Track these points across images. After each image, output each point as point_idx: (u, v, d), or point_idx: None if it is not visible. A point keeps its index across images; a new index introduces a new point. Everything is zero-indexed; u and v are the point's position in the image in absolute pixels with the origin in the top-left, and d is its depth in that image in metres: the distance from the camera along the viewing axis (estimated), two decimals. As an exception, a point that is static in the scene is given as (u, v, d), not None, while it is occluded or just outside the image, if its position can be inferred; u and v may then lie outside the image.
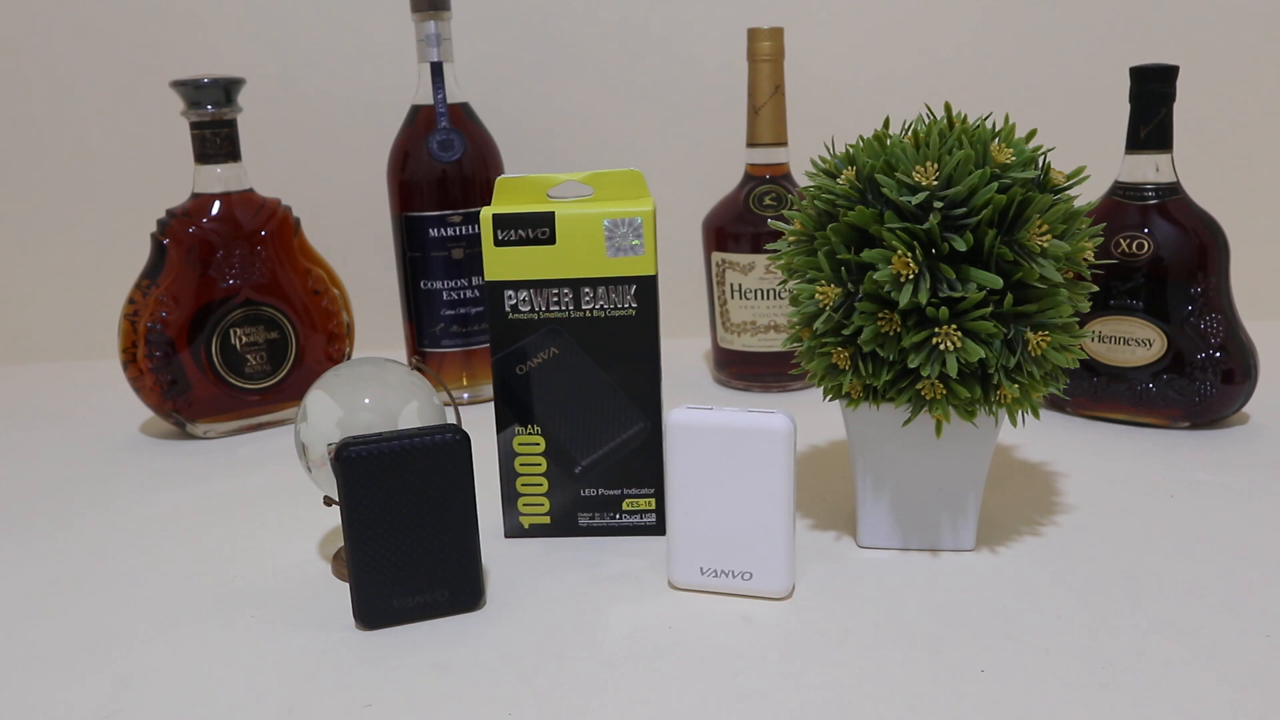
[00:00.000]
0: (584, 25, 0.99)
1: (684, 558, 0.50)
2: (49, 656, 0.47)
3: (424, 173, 0.81)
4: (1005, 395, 0.48)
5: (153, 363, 0.75)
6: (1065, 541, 0.54)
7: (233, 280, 0.77)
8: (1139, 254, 0.69)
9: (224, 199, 0.77)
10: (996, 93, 0.98)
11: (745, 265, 0.82)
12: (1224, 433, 0.70)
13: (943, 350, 0.47)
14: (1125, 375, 0.71)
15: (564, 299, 0.54)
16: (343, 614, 0.49)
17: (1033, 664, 0.43)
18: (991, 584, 0.50)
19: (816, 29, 0.98)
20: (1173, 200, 0.70)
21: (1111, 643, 0.44)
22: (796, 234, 0.52)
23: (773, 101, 0.81)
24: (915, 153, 0.48)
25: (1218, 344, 0.68)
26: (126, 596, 0.52)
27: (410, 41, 0.96)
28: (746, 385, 0.85)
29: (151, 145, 1.01)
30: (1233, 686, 0.41)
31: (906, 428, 0.51)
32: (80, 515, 0.64)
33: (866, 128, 0.53)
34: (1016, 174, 0.47)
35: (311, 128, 1.01)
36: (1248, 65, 0.98)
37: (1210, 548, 0.53)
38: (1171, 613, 0.47)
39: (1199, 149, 0.84)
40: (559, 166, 1.00)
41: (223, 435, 0.79)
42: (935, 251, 0.47)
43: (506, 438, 0.56)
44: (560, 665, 0.44)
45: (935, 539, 0.54)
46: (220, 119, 0.76)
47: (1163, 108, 0.68)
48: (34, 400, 0.92)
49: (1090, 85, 0.96)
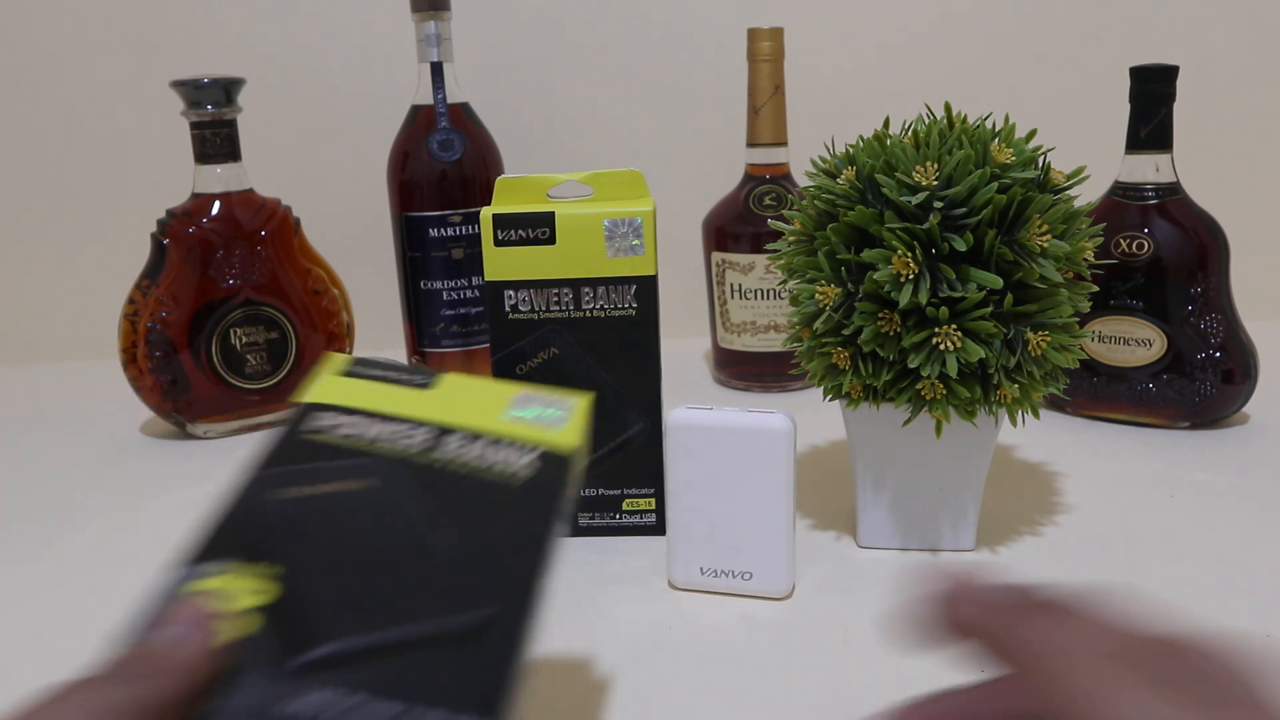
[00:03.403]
0: (584, 25, 0.99)
1: (684, 558, 0.50)
2: (48, 657, 0.47)
3: (424, 173, 0.81)
4: (1005, 395, 0.48)
5: (153, 363, 0.75)
6: (1065, 541, 0.54)
7: (233, 280, 0.77)
8: (1139, 254, 0.69)
9: (224, 199, 0.77)
10: (996, 93, 0.98)
11: (745, 265, 0.82)
12: (1224, 433, 0.70)
13: (943, 350, 0.47)
14: (1125, 375, 0.71)
15: (564, 299, 0.54)
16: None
17: (1033, 664, 0.43)
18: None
19: (816, 29, 0.98)
20: (1173, 200, 0.70)
21: (1111, 643, 0.44)
22: (796, 234, 0.52)
23: (773, 101, 0.81)
24: (915, 153, 0.48)
25: (1218, 344, 0.68)
26: (126, 597, 0.52)
27: (410, 41, 0.96)
28: (746, 385, 0.85)
29: (151, 145, 1.01)
30: (1233, 686, 0.41)
31: (906, 428, 0.51)
32: (80, 515, 0.64)
33: (866, 128, 0.53)
34: (1017, 174, 0.47)
35: (312, 128, 1.01)
36: (1248, 65, 0.98)
37: (1210, 548, 0.53)
38: (1171, 613, 0.47)
39: (1199, 149, 0.84)
40: (559, 166, 1.00)
41: (223, 435, 0.79)
42: (935, 251, 0.47)
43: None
44: (560, 665, 0.44)
45: (935, 539, 0.54)
46: (220, 119, 0.76)
47: (1163, 108, 0.68)
48: (34, 400, 0.92)
49: (1090, 85, 0.96)
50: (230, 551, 0.29)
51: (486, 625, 0.27)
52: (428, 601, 0.28)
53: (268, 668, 0.26)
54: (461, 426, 0.34)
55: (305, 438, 0.33)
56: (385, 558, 0.29)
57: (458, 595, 0.28)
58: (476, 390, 0.36)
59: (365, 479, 0.32)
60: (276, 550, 0.29)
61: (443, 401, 0.35)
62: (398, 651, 0.26)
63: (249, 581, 0.28)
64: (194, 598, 0.27)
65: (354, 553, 0.29)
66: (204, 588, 0.27)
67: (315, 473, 0.32)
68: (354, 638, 0.27)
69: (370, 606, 0.28)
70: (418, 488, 0.32)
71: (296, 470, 0.32)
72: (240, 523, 0.30)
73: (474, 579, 0.29)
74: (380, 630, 0.27)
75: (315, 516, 0.31)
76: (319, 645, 0.26)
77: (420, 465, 0.33)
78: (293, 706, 0.25)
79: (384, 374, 0.36)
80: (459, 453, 0.33)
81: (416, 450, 0.33)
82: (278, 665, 0.26)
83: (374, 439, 0.33)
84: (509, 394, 0.36)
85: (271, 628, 0.27)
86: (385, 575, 0.29)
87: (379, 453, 0.33)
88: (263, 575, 0.28)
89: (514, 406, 0.36)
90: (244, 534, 0.29)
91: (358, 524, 0.30)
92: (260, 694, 0.25)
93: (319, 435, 0.34)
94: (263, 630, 0.27)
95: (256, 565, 0.28)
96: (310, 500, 0.31)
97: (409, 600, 0.28)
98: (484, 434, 0.34)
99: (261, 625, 0.27)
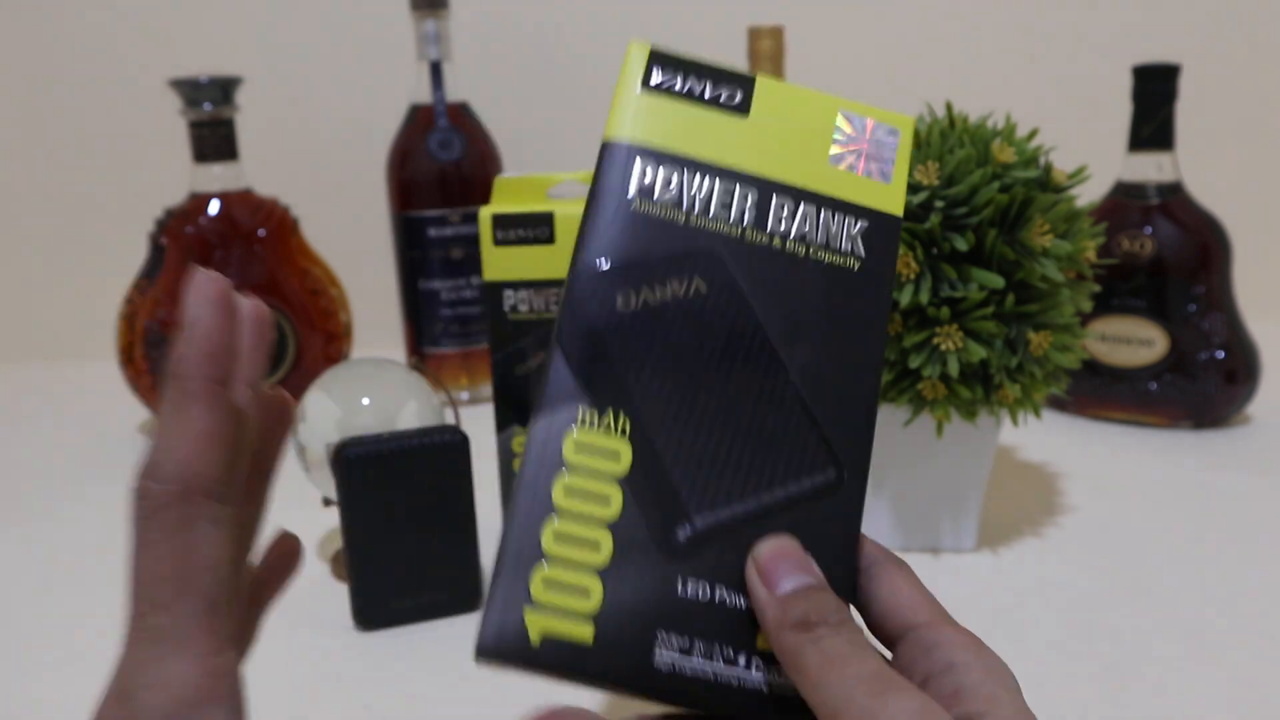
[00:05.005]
0: (584, 25, 0.99)
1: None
2: (47, 657, 0.47)
3: (423, 172, 0.80)
4: (1007, 396, 0.48)
5: (150, 362, 0.75)
6: (1066, 541, 0.54)
7: (231, 280, 0.76)
8: (1141, 253, 0.69)
9: (222, 198, 0.77)
10: (998, 92, 0.98)
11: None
12: (1226, 433, 0.70)
13: (944, 350, 0.46)
14: (1127, 375, 0.71)
15: None
16: (341, 615, 0.49)
17: (1034, 664, 0.43)
18: (992, 584, 0.50)
19: (816, 29, 0.98)
20: (1175, 200, 0.69)
21: (1113, 643, 0.44)
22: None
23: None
24: (916, 152, 0.48)
25: (1220, 344, 0.68)
26: (125, 596, 0.52)
27: (409, 40, 0.95)
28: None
29: (149, 144, 1.00)
30: (1234, 687, 0.41)
31: (907, 428, 0.51)
32: (78, 515, 0.64)
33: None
34: (1018, 173, 0.47)
35: (310, 127, 1.01)
36: (1250, 64, 0.98)
37: (1212, 548, 0.53)
38: (1173, 613, 0.46)
39: (1201, 148, 0.83)
40: (559, 166, 0.99)
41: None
42: (936, 251, 0.47)
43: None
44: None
45: (936, 539, 0.53)
46: (218, 118, 0.75)
47: (1165, 107, 0.68)
48: (31, 399, 0.92)
49: (1092, 84, 0.96)
50: (581, 393, 0.27)
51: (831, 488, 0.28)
52: (781, 456, 0.28)
53: (647, 551, 0.26)
54: (788, 183, 0.30)
55: (638, 210, 0.29)
56: (733, 397, 0.28)
57: (806, 448, 0.28)
58: (796, 115, 0.31)
59: (704, 274, 0.29)
60: (623, 393, 0.27)
61: (763, 136, 0.31)
62: (760, 519, 0.27)
63: (604, 440, 0.27)
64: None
65: (702, 393, 0.28)
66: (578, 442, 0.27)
67: (651, 268, 0.29)
68: (720, 509, 0.27)
69: (726, 467, 0.27)
70: (758, 285, 0.29)
71: (634, 266, 0.29)
72: (585, 347, 0.28)
73: (819, 425, 0.28)
74: (741, 500, 0.27)
75: (656, 341, 0.28)
76: (689, 520, 0.26)
77: (756, 247, 0.29)
78: (690, 588, 0.26)
79: (695, 86, 0.31)
80: (791, 225, 0.30)
81: (750, 225, 0.30)
82: (656, 548, 0.26)
83: (703, 209, 0.30)
84: (831, 121, 0.31)
85: (636, 503, 0.26)
86: (735, 421, 0.28)
87: (713, 231, 0.29)
88: (613, 431, 0.27)
89: (839, 143, 0.31)
90: (591, 365, 0.28)
91: (701, 347, 0.28)
92: (652, 580, 0.26)
93: (649, 206, 0.29)
94: (628, 508, 0.26)
95: (605, 416, 0.27)
96: (649, 313, 0.28)
97: (764, 455, 0.27)
98: (811, 193, 0.30)
99: (624, 502, 0.26)
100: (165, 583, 0.21)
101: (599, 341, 0.28)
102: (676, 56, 0.31)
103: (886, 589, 0.27)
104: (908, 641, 0.26)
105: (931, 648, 0.25)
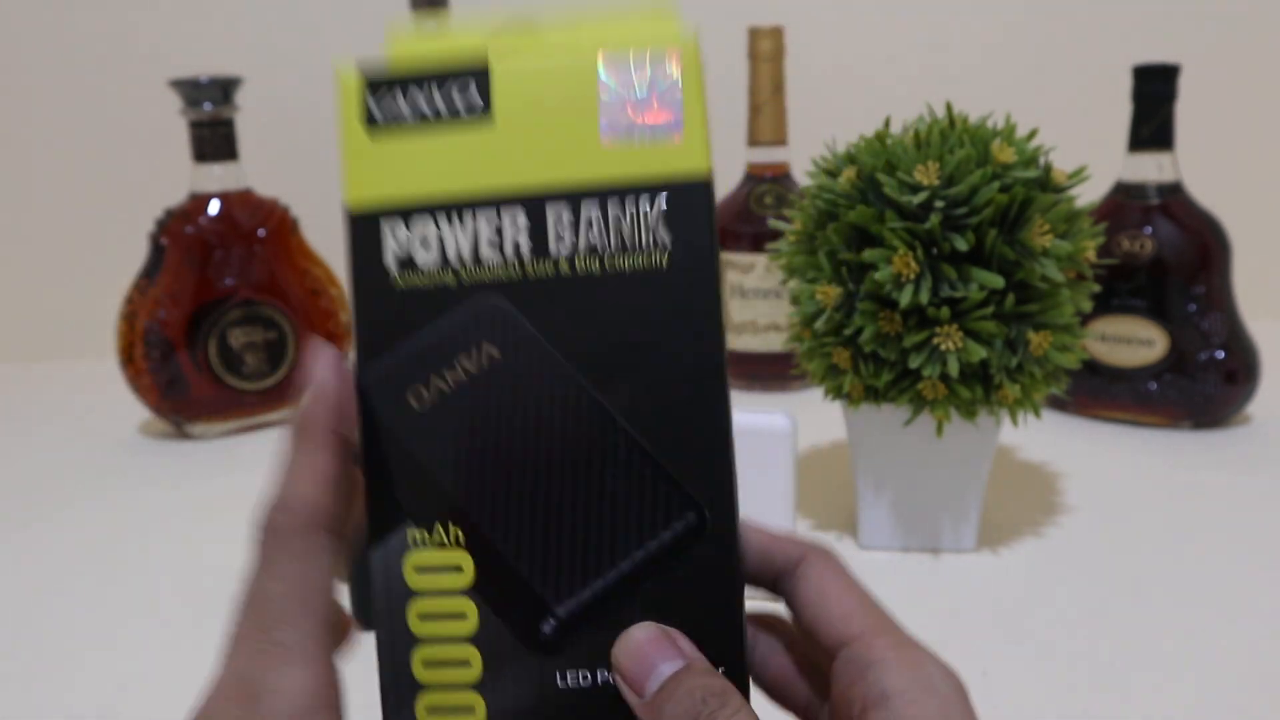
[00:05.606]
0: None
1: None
2: (46, 657, 0.46)
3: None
4: (1007, 396, 0.48)
5: (150, 363, 0.75)
6: (1066, 542, 0.54)
7: (231, 280, 0.77)
8: (1141, 253, 0.69)
9: (222, 198, 0.77)
10: (998, 92, 0.98)
11: (745, 265, 0.81)
12: (1226, 433, 0.70)
13: (944, 350, 0.46)
14: (1127, 375, 0.70)
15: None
16: (341, 615, 0.49)
17: (1034, 665, 0.43)
18: (992, 584, 0.50)
19: (816, 29, 0.98)
20: (1175, 200, 0.69)
21: (1113, 643, 0.44)
22: (797, 233, 0.52)
23: (773, 101, 0.81)
24: (916, 152, 0.48)
25: (1220, 344, 0.68)
26: (124, 597, 0.52)
27: (409, 40, 0.95)
28: (746, 385, 0.85)
29: (149, 144, 1.00)
30: (1234, 687, 0.40)
31: (907, 428, 0.51)
32: (78, 515, 0.64)
33: (867, 127, 0.53)
34: (1018, 173, 0.47)
35: (310, 127, 1.01)
36: (1250, 64, 0.98)
37: (1212, 548, 0.53)
38: (1173, 613, 0.46)
39: (1201, 148, 0.83)
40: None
41: (221, 435, 0.78)
42: (936, 251, 0.47)
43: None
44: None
45: (936, 539, 0.53)
46: (218, 118, 0.75)
47: (1165, 107, 0.68)
48: (31, 400, 0.92)
49: (1092, 84, 0.96)
50: (402, 514, 0.25)
51: (694, 532, 0.24)
52: (631, 513, 0.24)
53: (517, 654, 0.24)
54: (558, 186, 0.25)
55: (404, 288, 0.25)
56: (563, 465, 0.24)
57: (656, 496, 0.24)
58: (548, 89, 0.25)
59: (491, 337, 0.25)
60: (444, 501, 0.25)
61: (515, 136, 0.25)
62: (627, 585, 0.24)
63: (441, 557, 0.25)
64: None
65: (528, 473, 0.24)
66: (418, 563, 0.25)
67: (433, 352, 0.25)
68: (580, 591, 0.24)
69: (576, 544, 0.24)
70: (555, 326, 0.25)
71: (414, 357, 0.25)
72: (391, 463, 0.25)
73: (662, 466, 0.24)
74: (600, 574, 0.24)
75: (463, 432, 0.25)
76: (550, 613, 0.24)
77: (542, 282, 0.25)
78: (570, 678, 0.24)
79: (425, 103, 0.26)
80: (576, 239, 0.25)
81: (528, 258, 0.25)
82: (527, 649, 0.24)
83: (472, 259, 0.25)
84: (592, 78, 0.25)
85: (493, 611, 0.24)
86: (571, 491, 0.24)
87: (490, 281, 0.25)
88: (448, 544, 0.25)
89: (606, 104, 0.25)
90: (403, 482, 0.25)
91: (513, 421, 0.25)
92: (529, 682, 0.24)
93: (415, 278, 0.25)
94: (485, 618, 0.24)
95: (435, 532, 0.25)
96: (446, 403, 0.25)
97: (612, 517, 0.24)
98: (588, 188, 0.25)
99: (480, 613, 0.24)
100: (289, 601, 0.23)
101: (403, 454, 0.25)
102: (391, 75, 0.26)
103: (814, 592, 0.26)
104: (841, 660, 0.24)
105: (866, 669, 0.24)
